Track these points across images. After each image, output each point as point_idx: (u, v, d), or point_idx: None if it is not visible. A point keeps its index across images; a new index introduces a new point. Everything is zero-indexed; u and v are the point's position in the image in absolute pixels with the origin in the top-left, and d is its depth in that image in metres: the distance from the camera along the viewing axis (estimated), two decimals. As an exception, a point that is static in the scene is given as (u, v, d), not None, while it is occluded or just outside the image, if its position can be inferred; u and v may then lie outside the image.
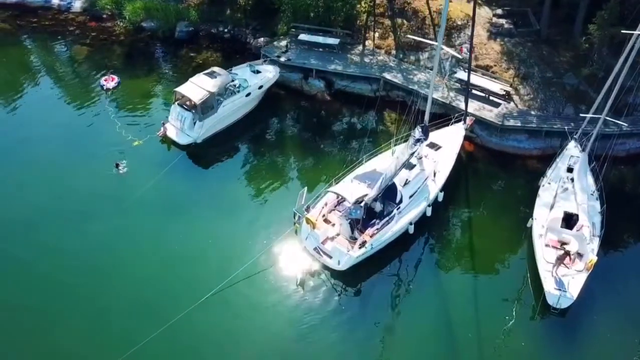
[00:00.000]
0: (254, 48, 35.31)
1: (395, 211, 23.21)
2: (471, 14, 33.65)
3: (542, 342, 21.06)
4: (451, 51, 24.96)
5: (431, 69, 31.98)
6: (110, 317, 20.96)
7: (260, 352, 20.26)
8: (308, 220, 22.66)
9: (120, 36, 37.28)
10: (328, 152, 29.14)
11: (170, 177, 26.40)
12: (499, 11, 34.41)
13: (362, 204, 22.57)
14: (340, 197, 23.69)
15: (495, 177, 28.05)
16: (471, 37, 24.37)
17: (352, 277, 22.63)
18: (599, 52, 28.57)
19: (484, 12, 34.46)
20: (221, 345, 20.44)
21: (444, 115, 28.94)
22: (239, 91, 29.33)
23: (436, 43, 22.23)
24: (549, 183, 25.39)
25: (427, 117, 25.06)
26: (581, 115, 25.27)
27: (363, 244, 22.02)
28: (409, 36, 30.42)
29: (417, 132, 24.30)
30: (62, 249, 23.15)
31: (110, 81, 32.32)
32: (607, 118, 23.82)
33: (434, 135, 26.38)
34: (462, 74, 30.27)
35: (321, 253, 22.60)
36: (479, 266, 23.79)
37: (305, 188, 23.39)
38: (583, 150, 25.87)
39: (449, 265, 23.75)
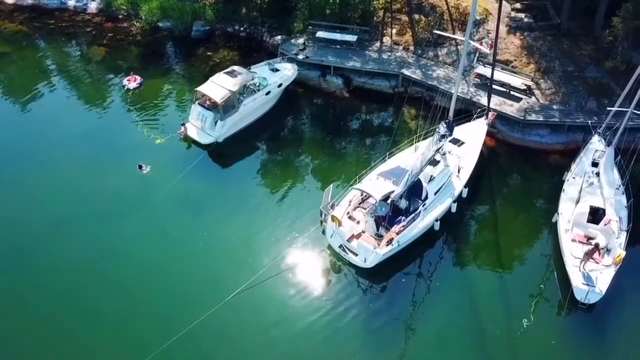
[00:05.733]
0: (271, 46, 35.27)
1: (421, 208, 23.12)
2: (489, 9, 33.96)
3: (571, 338, 20.98)
4: (481, 46, 24.78)
5: (450, 65, 31.99)
6: (134, 317, 21.03)
7: (285, 349, 20.31)
8: (333, 218, 22.65)
9: (136, 36, 37.28)
10: (349, 150, 29.05)
11: (192, 177, 26.42)
12: (518, 5, 34.19)
13: (388, 201, 22.54)
14: (365, 195, 23.64)
15: (518, 172, 27.88)
16: (497, 32, 24.17)
17: (377, 275, 22.59)
18: (622, 45, 28.27)
19: (503, 6, 34.14)
20: (246, 343, 20.46)
21: (463, 111, 28.72)
22: (259, 90, 29.31)
23: (463, 38, 22.08)
24: (574, 178, 25.18)
25: (451, 112, 24.93)
26: (608, 109, 25.01)
27: (390, 241, 21.94)
28: (435, 31, 30.14)
29: (442, 128, 24.14)
30: (86, 251, 23.23)
31: (132, 81, 32.30)
32: (635, 111, 23.54)
33: (456, 131, 26.18)
34: (482, 69, 30.10)
35: (347, 251, 22.55)
36: (504, 262, 23.68)
37: (332, 185, 23.34)
38: (608, 144, 25.65)
39: (474, 261, 23.64)
